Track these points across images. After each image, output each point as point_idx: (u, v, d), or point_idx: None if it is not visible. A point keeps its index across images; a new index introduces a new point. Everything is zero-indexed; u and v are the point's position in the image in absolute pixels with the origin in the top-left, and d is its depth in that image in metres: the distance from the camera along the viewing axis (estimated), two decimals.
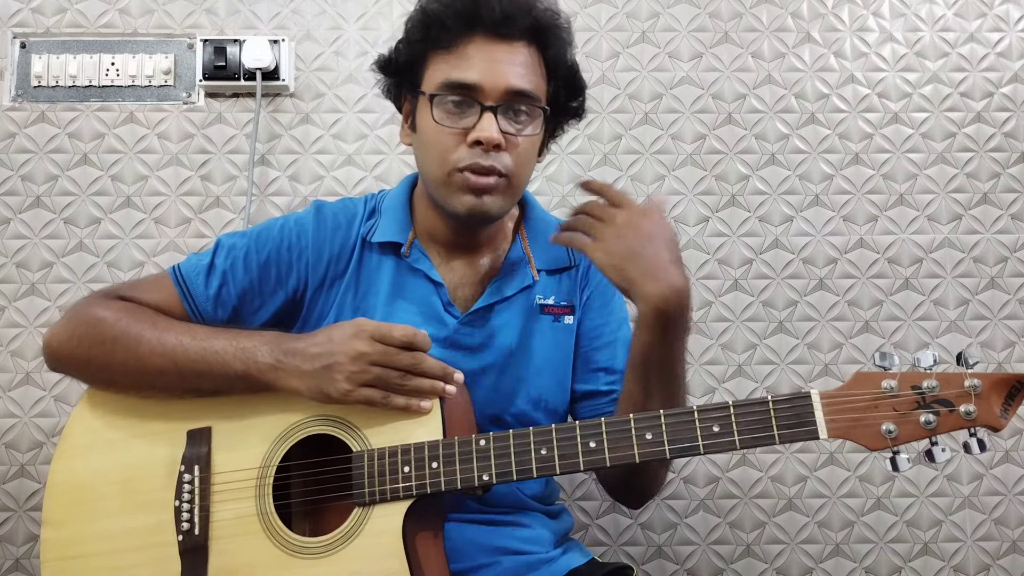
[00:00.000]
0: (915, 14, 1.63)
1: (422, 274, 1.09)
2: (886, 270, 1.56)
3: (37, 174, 1.55)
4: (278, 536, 0.95)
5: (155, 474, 1.00)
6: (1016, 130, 1.60)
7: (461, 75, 1.00)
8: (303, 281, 1.10)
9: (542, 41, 1.05)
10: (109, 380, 1.03)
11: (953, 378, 0.82)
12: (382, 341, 0.93)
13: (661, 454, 0.87)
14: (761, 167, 1.59)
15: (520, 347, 1.10)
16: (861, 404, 0.83)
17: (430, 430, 0.94)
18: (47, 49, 1.58)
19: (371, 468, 0.94)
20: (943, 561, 1.50)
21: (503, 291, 1.10)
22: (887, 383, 0.83)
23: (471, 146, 1.00)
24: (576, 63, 1.11)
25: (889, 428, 0.82)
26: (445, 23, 1.01)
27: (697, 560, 1.50)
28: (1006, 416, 0.82)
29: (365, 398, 0.93)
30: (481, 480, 0.91)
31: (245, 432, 1.00)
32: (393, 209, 1.13)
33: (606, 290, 1.17)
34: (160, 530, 0.98)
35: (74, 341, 1.03)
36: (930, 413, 0.82)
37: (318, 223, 1.11)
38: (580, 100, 1.13)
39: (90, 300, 1.07)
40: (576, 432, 0.90)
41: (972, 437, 0.82)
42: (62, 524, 1.01)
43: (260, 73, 1.54)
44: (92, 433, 1.04)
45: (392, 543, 0.91)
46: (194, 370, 0.98)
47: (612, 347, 1.14)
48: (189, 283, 1.08)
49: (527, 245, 1.14)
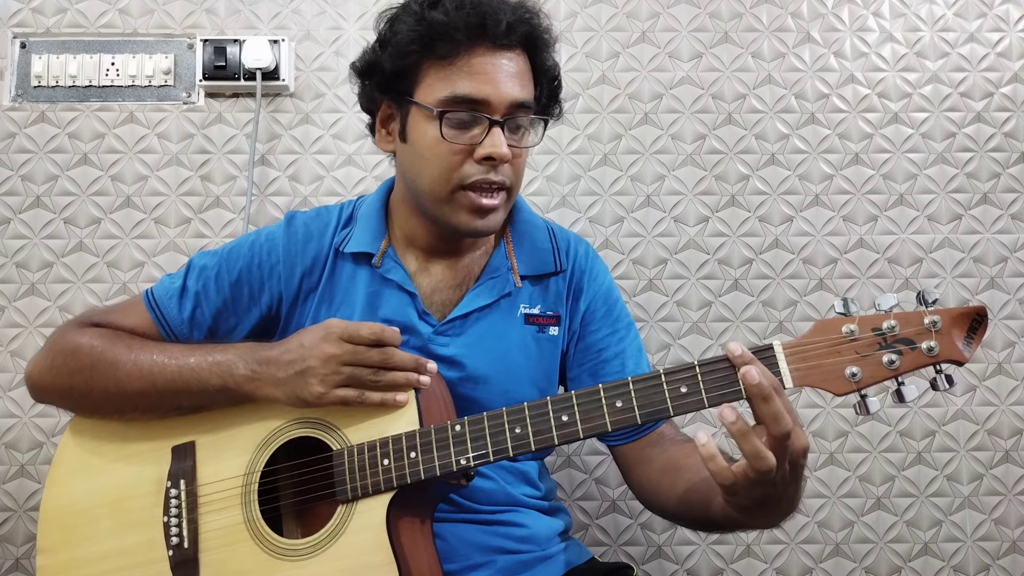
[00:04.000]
0: (915, 14, 1.63)
1: (395, 284, 1.08)
2: (886, 270, 1.56)
3: (37, 174, 1.55)
4: (266, 541, 0.96)
5: (143, 492, 1.01)
6: (1016, 130, 1.60)
7: (468, 90, 0.98)
8: (276, 297, 1.10)
9: (533, 48, 1.04)
10: (92, 407, 1.04)
11: (913, 317, 0.82)
12: (351, 341, 0.94)
13: (632, 420, 0.87)
14: (761, 167, 1.59)
15: (501, 358, 1.08)
16: (823, 350, 0.83)
17: (407, 421, 0.95)
18: (47, 49, 1.58)
19: (351, 464, 0.95)
20: (943, 561, 1.50)
21: (482, 299, 1.08)
22: (847, 327, 0.83)
23: (479, 162, 0.99)
24: (558, 66, 1.10)
25: (853, 371, 0.82)
26: (452, 35, 0.98)
27: (697, 560, 1.50)
28: (969, 349, 0.82)
29: (340, 398, 0.94)
30: (459, 464, 0.91)
31: (228, 442, 1.00)
32: (368, 217, 1.12)
33: (608, 296, 1.15)
34: (151, 547, 0.99)
35: (53, 371, 1.04)
36: (892, 353, 0.82)
37: (288, 237, 1.10)
38: (559, 101, 1.12)
39: (66, 328, 1.08)
40: (548, 407, 0.90)
41: (939, 374, 0.82)
42: (56, 550, 1.02)
43: (260, 73, 1.54)
44: (80, 458, 1.05)
45: (377, 536, 0.92)
46: (173, 389, 0.99)
47: (621, 358, 1.13)
48: (163, 307, 1.08)
49: (511, 250, 1.12)
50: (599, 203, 1.58)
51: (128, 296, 1.51)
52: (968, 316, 0.82)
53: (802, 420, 1.52)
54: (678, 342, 1.54)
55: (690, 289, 1.56)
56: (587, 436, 0.89)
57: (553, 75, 1.09)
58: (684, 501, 0.99)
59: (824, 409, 1.53)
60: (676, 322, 1.55)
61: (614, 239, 1.57)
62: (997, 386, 1.54)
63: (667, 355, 1.54)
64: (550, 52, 1.07)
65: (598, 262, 1.19)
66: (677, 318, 1.55)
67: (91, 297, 1.53)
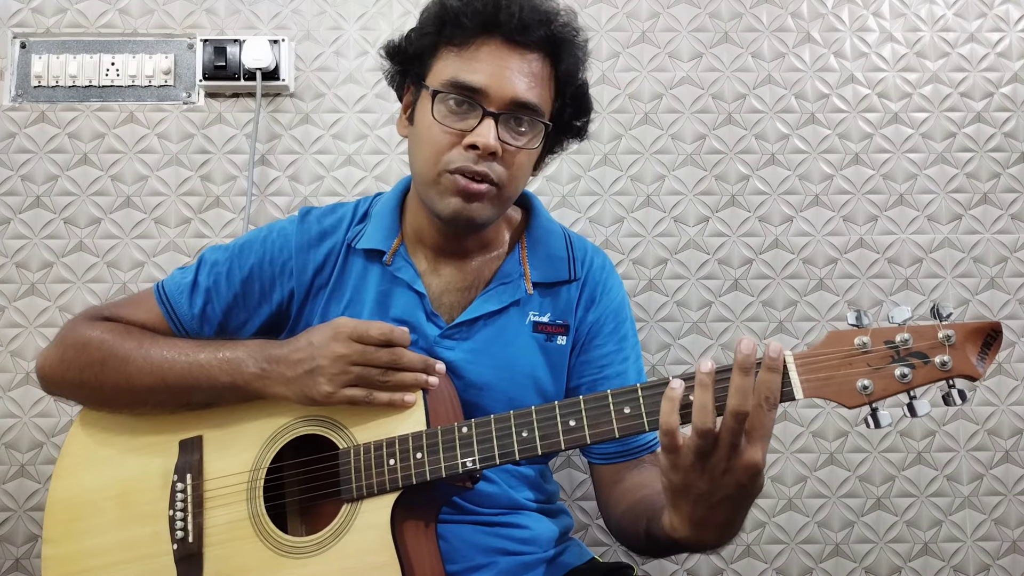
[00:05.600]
0: (915, 14, 1.63)
1: (405, 283, 1.08)
2: (886, 270, 1.56)
3: (37, 174, 1.55)
4: (270, 538, 0.96)
5: (149, 486, 1.01)
6: (1016, 130, 1.60)
7: (468, 76, 0.98)
8: (288, 292, 1.09)
9: (556, 55, 1.02)
10: (103, 400, 1.04)
11: (926, 330, 0.81)
12: (360, 340, 0.94)
13: (640, 427, 0.86)
14: (761, 167, 1.59)
15: (506, 365, 1.07)
16: (835, 362, 0.82)
17: (414, 422, 0.95)
18: (47, 49, 1.58)
19: (357, 464, 0.95)
20: (943, 561, 1.50)
21: (491, 304, 1.07)
22: (860, 339, 0.82)
23: (466, 149, 0.98)
24: (586, 83, 1.08)
25: (864, 384, 0.81)
26: (462, 20, 0.99)
27: (697, 560, 1.50)
28: (983, 365, 0.80)
29: (348, 398, 0.94)
30: (465, 466, 0.91)
31: (235, 438, 1.00)
32: (382, 215, 1.11)
33: (619, 313, 1.14)
34: (156, 540, 0.99)
35: (64, 365, 1.03)
36: (905, 366, 0.81)
37: (301, 232, 1.10)
38: (585, 120, 1.10)
39: (76, 322, 1.07)
40: (556, 412, 0.90)
41: (952, 388, 0.81)
42: (61, 541, 1.02)
43: (260, 73, 1.54)
44: (87, 450, 1.05)
45: (381, 536, 0.92)
46: (182, 385, 0.99)
47: (622, 378, 1.12)
48: (173, 302, 1.08)
49: (525, 256, 1.11)
50: (599, 203, 1.58)
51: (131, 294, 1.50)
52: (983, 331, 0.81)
53: (802, 420, 1.52)
54: (678, 342, 1.54)
55: (690, 289, 1.56)
56: (594, 442, 0.88)
57: (579, 89, 1.06)
58: (630, 510, 0.99)
59: (824, 409, 1.53)
60: (676, 322, 1.55)
61: (614, 239, 1.57)
62: (997, 386, 1.54)
63: (667, 355, 1.54)
64: (576, 63, 1.04)
65: (613, 276, 1.17)
66: (677, 318, 1.55)
67: (91, 297, 1.53)
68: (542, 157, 1.10)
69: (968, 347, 0.80)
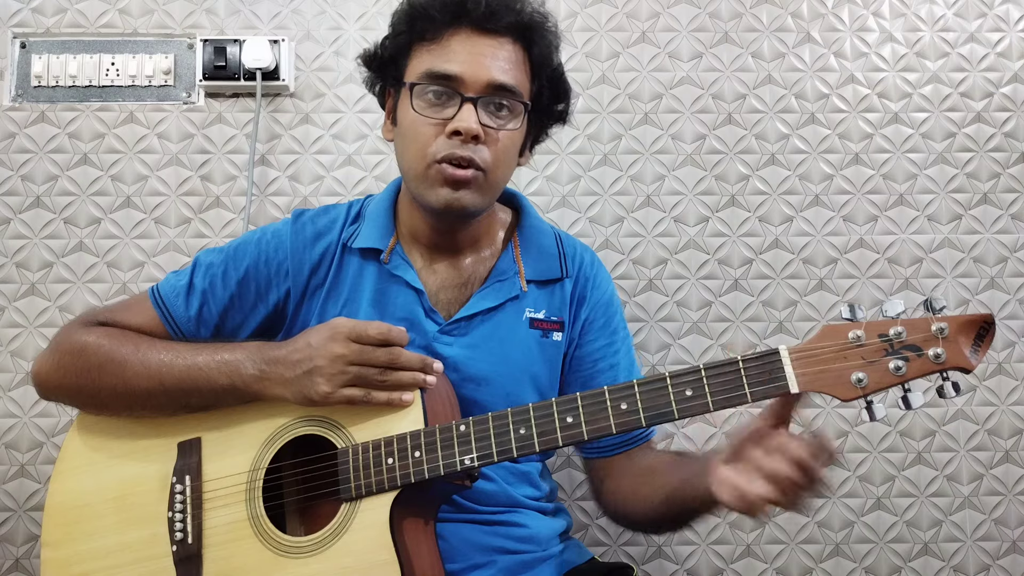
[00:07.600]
0: (915, 14, 1.63)
1: (403, 281, 1.08)
2: (886, 270, 1.56)
3: (37, 174, 1.55)
4: (269, 538, 0.96)
5: (148, 488, 1.01)
6: (1016, 130, 1.60)
7: (443, 66, 1.00)
8: (284, 293, 1.10)
9: (527, 39, 1.05)
10: (101, 405, 1.04)
11: (920, 323, 0.82)
12: (358, 340, 0.94)
13: (637, 423, 0.87)
14: (761, 167, 1.59)
15: (503, 361, 1.08)
16: (829, 355, 0.83)
17: (412, 421, 0.95)
18: (47, 49, 1.58)
19: (356, 463, 0.95)
20: (943, 561, 1.50)
21: (488, 301, 1.09)
22: (854, 333, 0.83)
23: (449, 137, 0.99)
24: (562, 67, 1.11)
25: (859, 377, 0.82)
26: (431, 13, 1.01)
27: (697, 560, 1.50)
28: (976, 356, 0.81)
29: (346, 398, 0.94)
30: (463, 464, 0.91)
31: (233, 439, 1.01)
32: (376, 214, 1.12)
33: (608, 306, 1.15)
34: (155, 542, 0.99)
35: (61, 371, 1.04)
36: (899, 359, 0.82)
37: (295, 233, 1.10)
38: (564, 104, 1.12)
39: (71, 327, 1.07)
40: (553, 409, 0.90)
41: (946, 381, 0.82)
42: (60, 544, 1.02)
43: (260, 73, 1.54)
44: (86, 453, 1.05)
45: (380, 535, 0.92)
46: (181, 388, 0.99)
47: (614, 371, 1.13)
48: (169, 305, 1.08)
49: (519, 254, 1.12)
50: (599, 203, 1.58)
51: (128, 296, 1.50)
52: (976, 324, 0.81)
53: (802, 420, 1.52)
54: (678, 342, 1.54)
55: (690, 289, 1.56)
56: (592, 438, 0.89)
57: (554, 72, 1.09)
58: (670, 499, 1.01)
59: (824, 409, 1.53)
60: (676, 322, 1.55)
61: (614, 239, 1.57)
62: (997, 386, 1.54)
63: (667, 355, 1.54)
64: (548, 47, 1.07)
65: (602, 271, 1.19)
66: (677, 318, 1.55)
67: (91, 297, 1.53)
68: (527, 144, 1.12)
69: (961, 339, 0.81)
